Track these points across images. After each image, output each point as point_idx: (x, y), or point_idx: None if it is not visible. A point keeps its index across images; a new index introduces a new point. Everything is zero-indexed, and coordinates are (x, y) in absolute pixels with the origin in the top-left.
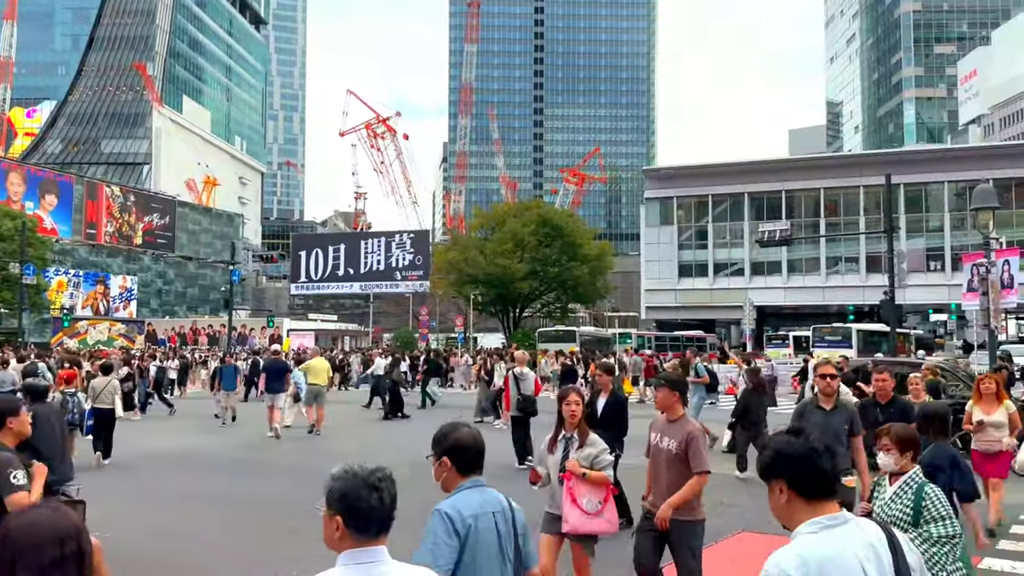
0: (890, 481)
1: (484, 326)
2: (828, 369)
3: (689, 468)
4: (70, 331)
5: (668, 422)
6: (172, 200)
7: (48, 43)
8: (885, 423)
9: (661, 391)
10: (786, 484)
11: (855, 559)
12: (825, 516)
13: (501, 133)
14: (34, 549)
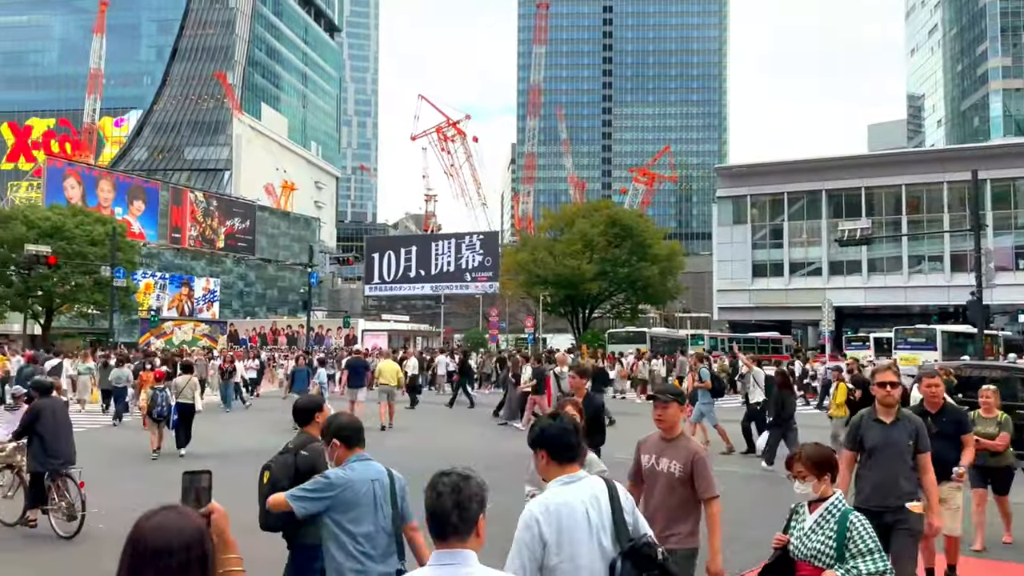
0: (809, 509)
1: (553, 327)
2: (888, 376)
3: (694, 493)
4: (157, 331)
5: (663, 440)
6: (252, 205)
7: (134, 55)
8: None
9: (669, 407)
10: (546, 452)
11: (582, 504)
12: (566, 475)
13: (569, 133)
14: (161, 553)
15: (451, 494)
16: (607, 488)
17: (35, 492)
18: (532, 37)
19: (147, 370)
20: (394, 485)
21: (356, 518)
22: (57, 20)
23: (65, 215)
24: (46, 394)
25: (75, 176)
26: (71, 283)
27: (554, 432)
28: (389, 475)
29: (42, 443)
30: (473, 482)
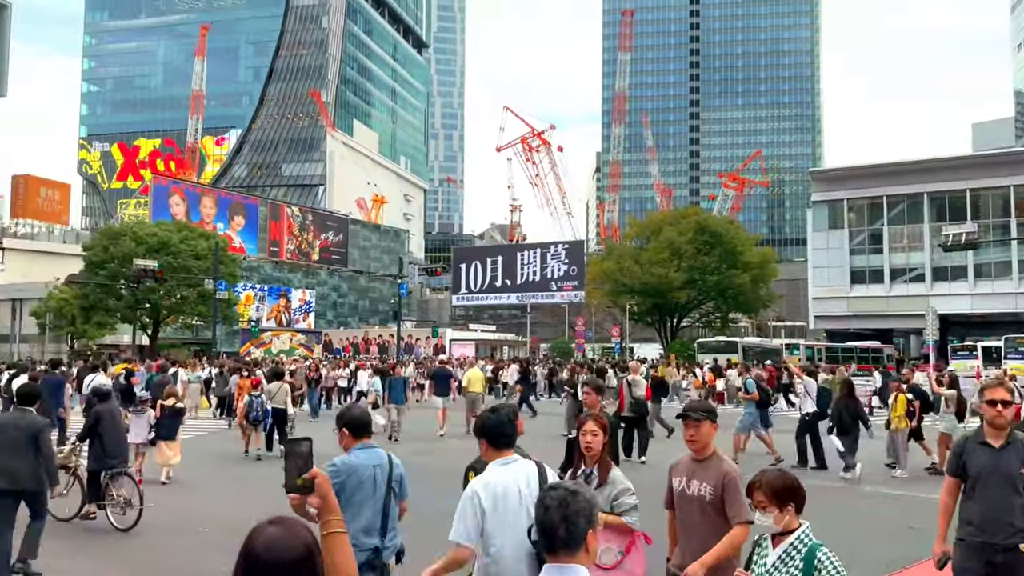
0: (773, 543)
1: (640, 336)
2: (999, 392)
3: (725, 517)
4: (256, 341)
5: (695, 462)
6: (345, 218)
7: (233, 76)
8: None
9: (701, 425)
10: (485, 441)
11: (515, 482)
12: (503, 458)
13: (655, 140)
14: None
15: (558, 508)
16: (537, 469)
17: (93, 489)
18: (617, 45)
19: (243, 378)
20: (392, 470)
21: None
22: (162, 45)
23: (171, 231)
24: (105, 400)
25: (180, 193)
26: (177, 296)
27: (492, 423)
28: (389, 460)
29: (102, 444)
30: (581, 497)
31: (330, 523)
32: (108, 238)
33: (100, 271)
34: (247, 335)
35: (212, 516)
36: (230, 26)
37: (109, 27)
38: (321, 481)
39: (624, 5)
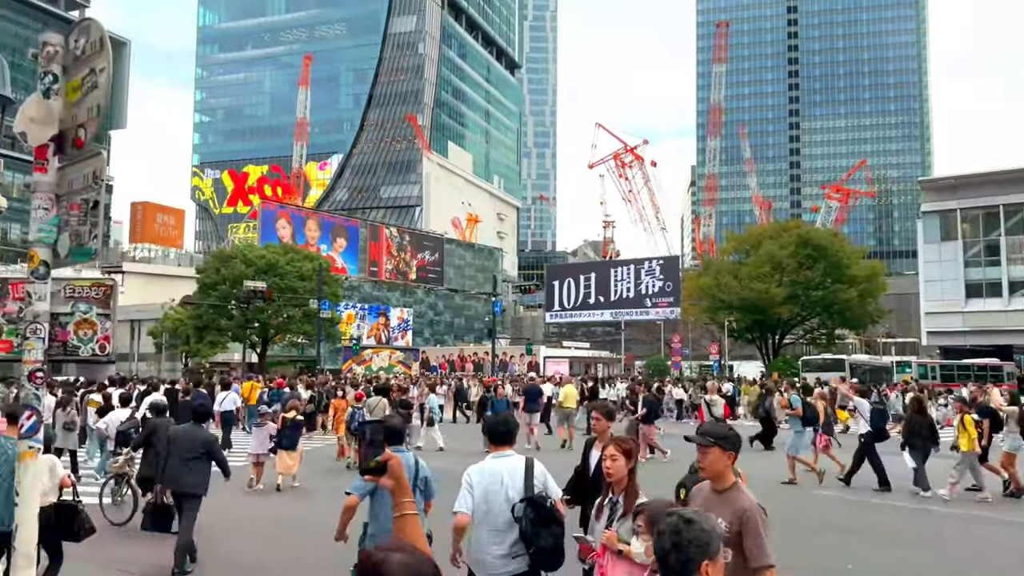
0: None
1: (740, 353)
2: None
3: (745, 558)
4: (358, 359)
5: (714, 493)
6: (440, 238)
7: (335, 103)
8: None
9: (709, 452)
10: (488, 438)
11: (502, 471)
12: (499, 452)
13: (753, 152)
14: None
15: (669, 535)
16: (524, 464)
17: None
18: (712, 57)
19: (339, 397)
20: (417, 472)
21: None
22: (268, 76)
23: (278, 253)
24: (160, 415)
25: (286, 217)
26: (283, 315)
27: (492, 423)
28: (416, 463)
29: (156, 454)
30: (696, 526)
31: (403, 504)
32: (220, 261)
33: (212, 292)
34: (349, 353)
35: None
36: (332, 55)
37: (219, 59)
38: (394, 464)
39: (719, 17)
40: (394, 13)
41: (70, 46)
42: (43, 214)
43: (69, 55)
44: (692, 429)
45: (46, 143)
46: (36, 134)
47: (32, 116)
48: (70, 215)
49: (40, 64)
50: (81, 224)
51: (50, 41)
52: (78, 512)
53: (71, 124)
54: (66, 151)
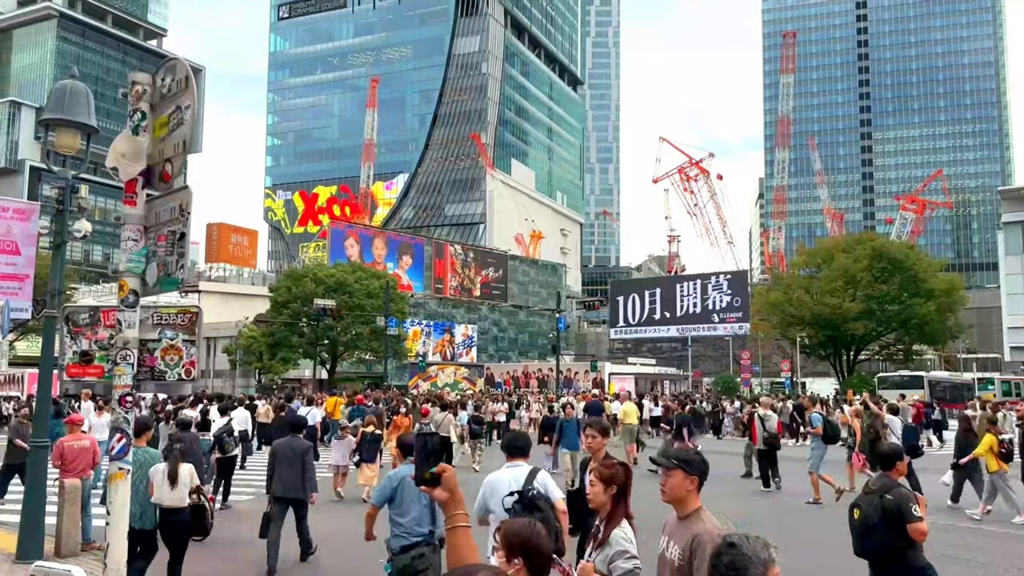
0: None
1: (813, 370)
2: None
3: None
4: (424, 375)
5: (678, 519)
6: (504, 254)
7: (401, 124)
8: None
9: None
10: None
11: (508, 478)
12: (512, 463)
13: (824, 163)
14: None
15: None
16: (530, 471)
17: None
18: (779, 68)
19: (400, 414)
20: None
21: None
22: (336, 99)
23: (347, 272)
24: (185, 429)
25: (354, 236)
26: (352, 332)
27: (508, 440)
28: None
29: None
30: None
31: (456, 517)
32: (291, 280)
33: (284, 310)
34: (415, 369)
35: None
36: (398, 77)
37: (290, 84)
38: (448, 476)
39: (785, 27)
40: (458, 35)
41: (157, 84)
42: (132, 245)
43: (156, 93)
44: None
45: (135, 177)
46: (126, 169)
47: (123, 152)
48: (158, 246)
49: (129, 102)
50: (168, 255)
51: (138, 80)
52: (205, 510)
53: (159, 159)
54: (154, 184)
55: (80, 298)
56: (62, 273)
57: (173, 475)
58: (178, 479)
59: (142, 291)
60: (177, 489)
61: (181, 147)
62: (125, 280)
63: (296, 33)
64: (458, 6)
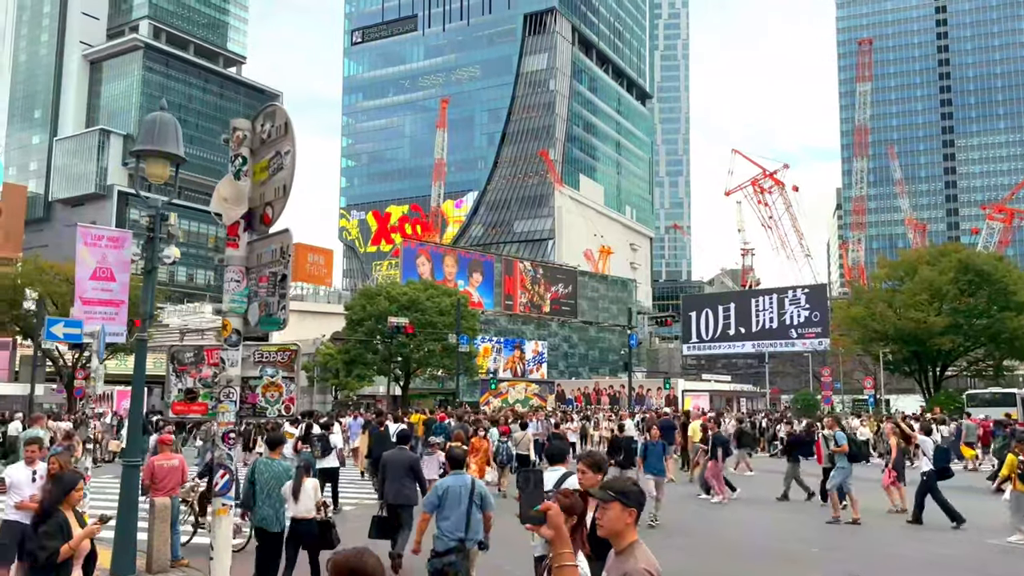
0: None
1: (897, 387)
2: None
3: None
4: (495, 392)
5: (616, 554)
6: (574, 271)
7: (470, 143)
8: None
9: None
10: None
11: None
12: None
13: (904, 172)
14: None
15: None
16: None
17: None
18: (855, 76)
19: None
20: (474, 489)
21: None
22: (407, 120)
23: (419, 289)
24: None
25: (425, 254)
26: (424, 349)
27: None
28: (472, 483)
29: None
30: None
31: (562, 556)
32: (366, 298)
33: (359, 328)
34: (486, 386)
35: None
36: (467, 97)
37: (363, 107)
38: (554, 514)
39: (861, 35)
40: (526, 53)
41: (257, 130)
42: (235, 286)
43: (256, 138)
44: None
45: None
46: (229, 212)
47: (225, 196)
48: (259, 287)
49: (231, 147)
50: (270, 295)
51: (239, 127)
52: (332, 527)
53: (259, 203)
54: (255, 227)
55: (166, 317)
56: (152, 298)
57: (296, 490)
58: (301, 493)
59: (244, 330)
60: (302, 502)
61: (281, 191)
62: (228, 320)
63: (369, 57)
64: (526, 25)
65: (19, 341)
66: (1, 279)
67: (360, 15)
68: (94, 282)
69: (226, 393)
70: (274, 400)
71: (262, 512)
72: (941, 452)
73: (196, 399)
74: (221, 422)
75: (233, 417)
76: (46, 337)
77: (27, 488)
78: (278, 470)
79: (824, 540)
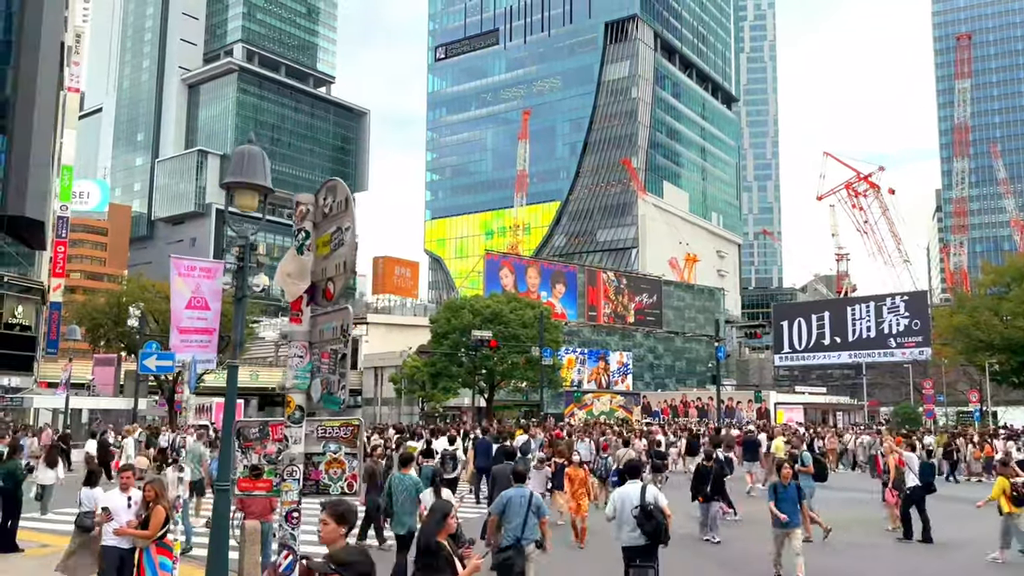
0: None
1: (1005, 398)
2: None
3: None
4: (579, 403)
5: None
6: (658, 280)
7: (552, 153)
8: None
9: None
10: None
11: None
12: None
13: (1008, 171)
14: None
15: None
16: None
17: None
18: (953, 72)
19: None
20: (532, 500)
21: (511, 513)
22: (489, 133)
23: (502, 302)
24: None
25: (508, 266)
26: (508, 362)
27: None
28: (530, 495)
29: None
30: None
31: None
32: (450, 311)
33: (444, 341)
34: (570, 397)
35: None
36: (549, 108)
37: (447, 121)
38: None
39: (958, 29)
40: (608, 61)
41: (319, 204)
42: (298, 361)
43: (319, 212)
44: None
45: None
46: (292, 288)
47: (289, 272)
48: (322, 362)
49: (294, 222)
50: (331, 373)
51: (302, 201)
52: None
53: (321, 277)
54: (317, 301)
55: (262, 331)
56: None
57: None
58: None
59: (307, 406)
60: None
61: (342, 267)
62: (291, 397)
63: (452, 72)
64: (607, 34)
65: (123, 356)
66: (107, 297)
67: (443, 32)
68: (189, 311)
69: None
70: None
71: (399, 519)
72: (926, 467)
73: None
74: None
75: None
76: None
77: (124, 514)
78: (408, 483)
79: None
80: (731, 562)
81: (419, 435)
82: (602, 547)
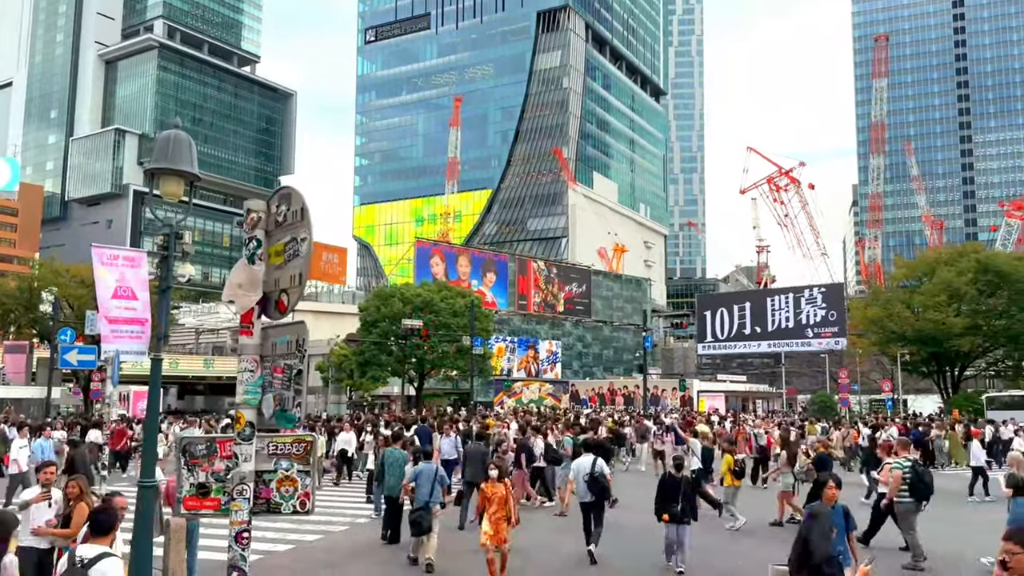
0: None
1: (915, 387)
2: None
3: None
4: (508, 392)
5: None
6: (587, 270)
7: (483, 140)
8: None
9: None
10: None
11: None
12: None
13: (921, 168)
14: None
15: None
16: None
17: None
18: (871, 72)
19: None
20: (436, 472)
21: (421, 483)
22: (421, 119)
23: (432, 291)
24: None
25: (439, 254)
26: (438, 351)
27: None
28: (436, 469)
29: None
30: None
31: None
32: (380, 299)
33: (374, 329)
34: (500, 385)
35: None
36: (481, 96)
37: (377, 105)
38: None
39: (877, 30)
40: (539, 51)
41: (272, 211)
42: (248, 376)
43: (271, 220)
44: None
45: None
46: (243, 300)
47: (239, 282)
48: (275, 377)
49: (245, 230)
50: (285, 388)
51: (254, 208)
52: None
53: (274, 288)
54: (270, 313)
55: (182, 317)
56: (167, 317)
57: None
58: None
59: (258, 423)
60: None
61: (297, 279)
62: (241, 413)
63: (382, 56)
64: (539, 23)
65: (36, 343)
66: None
67: (374, 13)
68: (116, 301)
69: (240, 491)
70: (288, 495)
71: (389, 483)
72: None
73: (208, 494)
74: (235, 521)
75: (247, 516)
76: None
77: (44, 513)
78: (398, 456)
79: None
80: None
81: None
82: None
